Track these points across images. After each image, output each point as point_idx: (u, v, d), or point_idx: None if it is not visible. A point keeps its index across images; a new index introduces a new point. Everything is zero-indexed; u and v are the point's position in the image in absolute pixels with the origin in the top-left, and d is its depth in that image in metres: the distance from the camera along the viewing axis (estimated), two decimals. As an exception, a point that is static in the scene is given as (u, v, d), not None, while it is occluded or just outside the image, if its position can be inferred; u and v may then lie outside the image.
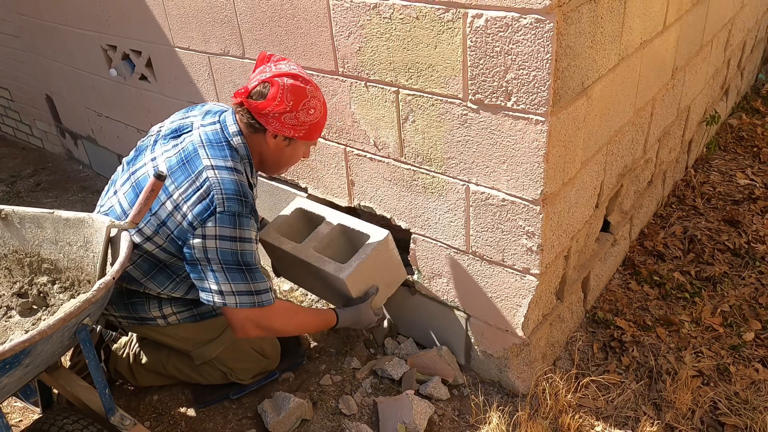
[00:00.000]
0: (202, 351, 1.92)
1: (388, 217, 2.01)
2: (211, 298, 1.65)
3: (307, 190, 2.27)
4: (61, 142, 4.04)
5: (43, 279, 1.77)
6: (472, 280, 1.88)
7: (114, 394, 1.89)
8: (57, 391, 1.89)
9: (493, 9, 1.40)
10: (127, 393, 2.10)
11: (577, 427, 1.81)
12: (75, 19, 2.96)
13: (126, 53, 2.79)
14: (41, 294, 1.75)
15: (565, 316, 2.07)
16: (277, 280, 2.56)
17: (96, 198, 3.34)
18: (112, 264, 1.61)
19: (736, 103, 3.88)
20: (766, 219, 2.75)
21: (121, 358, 2.04)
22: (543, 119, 1.45)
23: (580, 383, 1.94)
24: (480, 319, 1.94)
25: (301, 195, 2.30)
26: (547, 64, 1.37)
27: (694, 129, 3.02)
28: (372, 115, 1.84)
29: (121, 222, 1.60)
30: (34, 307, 1.72)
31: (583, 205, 1.89)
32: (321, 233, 2.03)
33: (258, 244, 1.72)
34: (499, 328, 1.90)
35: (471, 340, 2.02)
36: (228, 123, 1.72)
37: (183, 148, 1.71)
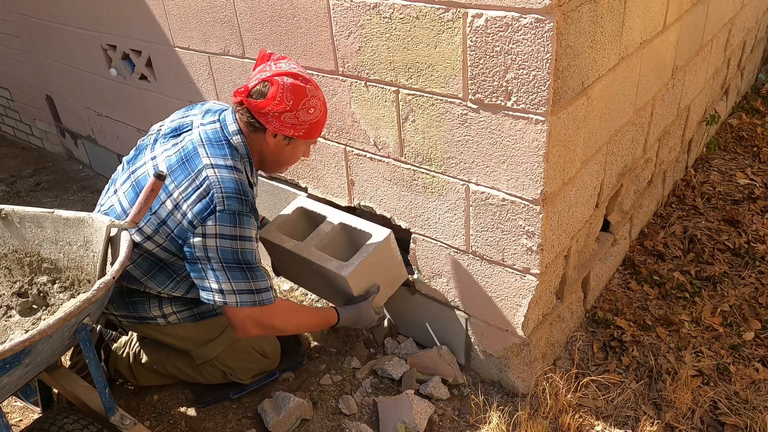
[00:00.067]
0: (203, 350, 1.92)
1: (388, 216, 2.01)
2: (212, 297, 1.65)
3: (307, 190, 2.27)
4: (61, 142, 4.04)
5: (43, 278, 1.77)
6: (472, 280, 1.88)
7: (114, 394, 1.89)
8: (57, 391, 1.89)
9: (493, 9, 1.40)
10: (127, 392, 2.10)
11: (577, 427, 1.81)
12: (75, 18, 2.97)
13: (126, 53, 2.79)
14: (41, 293, 1.75)
15: (565, 315, 2.07)
16: (277, 280, 2.56)
17: (96, 197, 3.34)
18: (112, 263, 1.61)
19: (736, 102, 3.88)
20: (766, 219, 2.75)
21: (121, 357, 2.04)
22: (543, 119, 1.45)
23: (580, 383, 1.94)
24: (480, 319, 1.94)
25: (302, 195, 2.30)
26: (547, 64, 1.37)
27: (694, 129, 3.02)
28: (372, 114, 1.84)
29: (121, 221, 1.60)
30: (34, 306, 1.72)
31: (583, 205, 1.89)
32: (323, 232, 2.03)
33: (258, 243, 1.72)
34: (499, 328, 1.90)
35: (471, 339, 2.02)
36: (228, 122, 1.72)
37: (183, 147, 1.71)
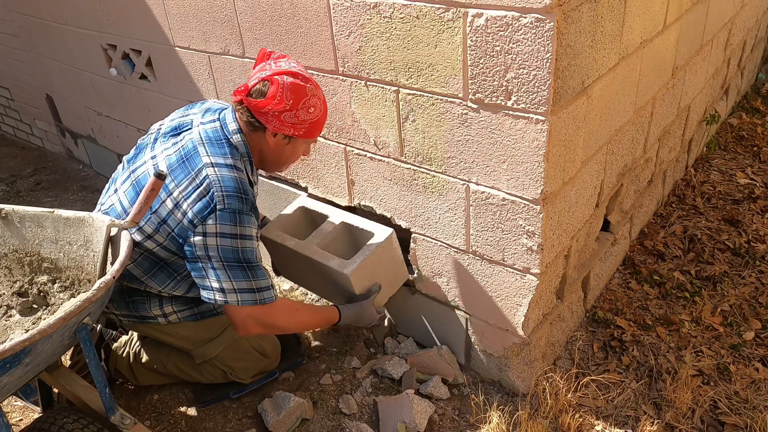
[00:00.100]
0: (203, 350, 1.92)
1: (388, 216, 2.01)
2: (213, 296, 1.64)
3: (307, 190, 2.27)
4: (61, 142, 4.04)
5: (44, 278, 1.77)
6: (473, 280, 1.88)
7: (114, 394, 1.89)
8: (57, 390, 1.89)
9: (494, 8, 1.40)
10: (127, 392, 2.10)
11: (578, 427, 1.81)
12: (75, 18, 2.96)
13: (126, 52, 2.79)
14: (41, 293, 1.75)
15: (565, 315, 2.07)
16: (277, 280, 2.56)
17: (96, 197, 3.34)
18: (112, 263, 1.61)
19: (736, 102, 3.88)
20: (766, 218, 2.75)
21: (122, 357, 2.04)
22: (543, 118, 1.45)
23: (581, 382, 1.94)
24: (480, 319, 1.94)
25: (303, 195, 2.30)
26: (548, 64, 1.37)
27: (694, 128, 3.02)
28: (372, 114, 1.84)
29: (122, 221, 1.60)
30: (35, 306, 1.72)
31: (584, 205, 1.89)
32: (324, 230, 2.03)
33: (259, 242, 1.72)
34: (499, 328, 1.90)
35: (471, 339, 2.02)
36: (228, 121, 1.72)
37: (183, 146, 1.71)
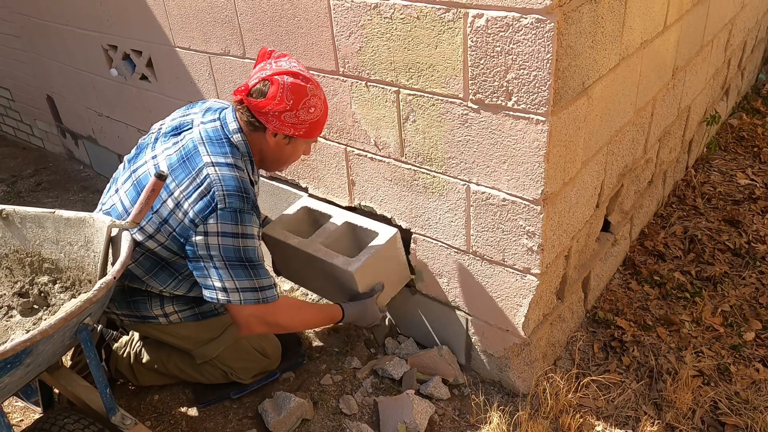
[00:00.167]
0: (204, 350, 1.92)
1: (389, 216, 2.01)
2: (215, 296, 1.64)
3: (308, 190, 2.27)
4: (62, 142, 4.04)
5: (44, 279, 1.77)
6: (473, 280, 1.88)
7: (115, 394, 1.89)
8: (58, 391, 1.89)
9: (494, 9, 1.40)
10: (127, 392, 2.10)
11: (578, 427, 1.81)
12: (75, 19, 2.97)
13: (126, 53, 2.79)
14: (42, 294, 1.75)
15: (565, 315, 2.07)
16: (278, 280, 2.56)
17: (97, 198, 3.34)
18: (113, 263, 1.61)
19: (736, 103, 3.88)
20: (767, 219, 2.75)
21: (122, 357, 2.04)
22: (543, 119, 1.45)
23: (581, 383, 1.94)
24: (480, 319, 1.94)
25: (305, 195, 2.30)
26: (548, 64, 1.37)
27: (695, 129, 3.02)
28: (373, 114, 1.84)
29: (122, 221, 1.60)
30: (35, 306, 1.72)
31: (584, 205, 1.89)
32: (328, 230, 2.03)
33: (260, 241, 1.72)
34: (499, 328, 1.90)
35: (471, 339, 2.02)
36: (228, 120, 1.72)
37: (183, 146, 1.71)
